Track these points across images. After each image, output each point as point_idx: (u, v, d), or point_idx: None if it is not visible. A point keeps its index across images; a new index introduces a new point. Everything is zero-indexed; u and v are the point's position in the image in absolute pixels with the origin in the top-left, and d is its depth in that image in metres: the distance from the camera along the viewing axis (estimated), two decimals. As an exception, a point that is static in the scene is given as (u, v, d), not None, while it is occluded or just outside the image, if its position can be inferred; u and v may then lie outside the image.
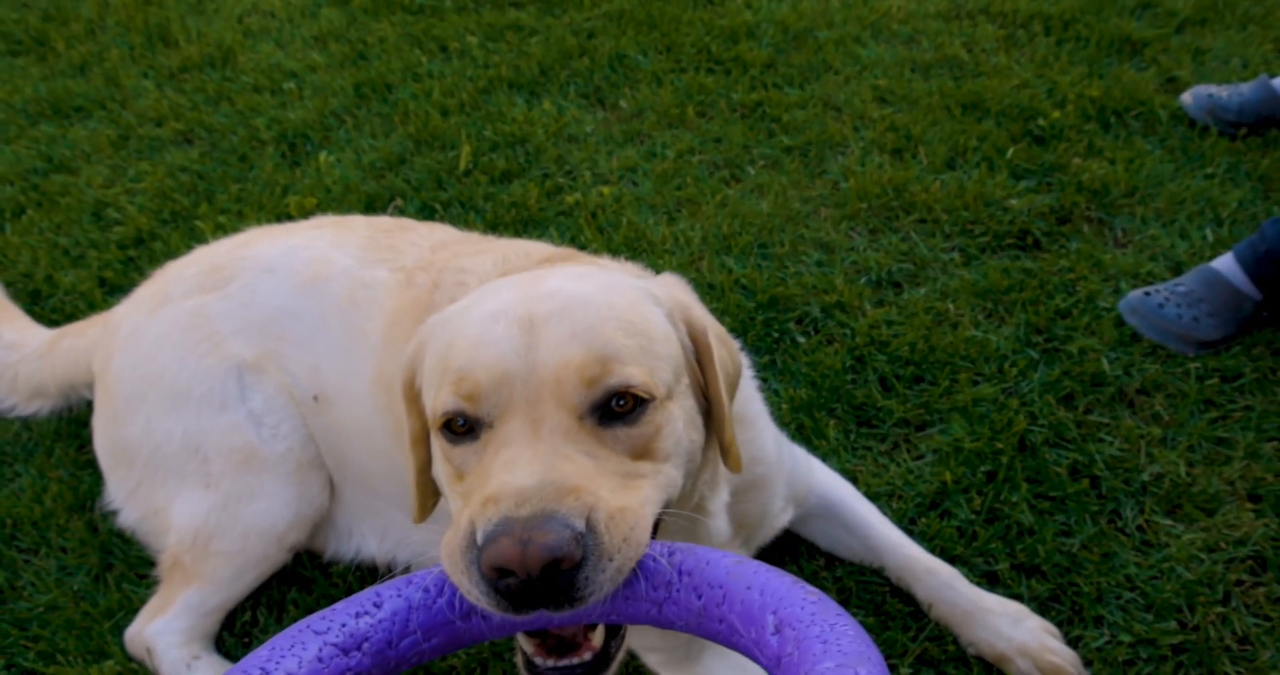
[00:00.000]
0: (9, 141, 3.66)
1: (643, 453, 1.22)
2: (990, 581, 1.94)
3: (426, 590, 1.06)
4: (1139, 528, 2.01)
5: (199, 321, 2.03)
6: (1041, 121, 3.18)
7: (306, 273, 2.02)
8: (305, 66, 3.92)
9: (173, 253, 2.90)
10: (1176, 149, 3.07)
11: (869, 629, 1.85)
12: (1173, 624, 1.83)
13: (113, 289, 2.87)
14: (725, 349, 1.46)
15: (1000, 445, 2.15)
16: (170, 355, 2.03)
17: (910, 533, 2.00)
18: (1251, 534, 1.97)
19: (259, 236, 2.20)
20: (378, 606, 1.01)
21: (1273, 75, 3.15)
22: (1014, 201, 2.87)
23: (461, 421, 1.23)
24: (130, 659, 1.96)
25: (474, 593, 1.06)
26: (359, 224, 2.15)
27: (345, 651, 0.95)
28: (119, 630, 2.00)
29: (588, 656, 1.17)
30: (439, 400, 1.26)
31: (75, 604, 2.07)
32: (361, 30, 4.16)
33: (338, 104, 3.65)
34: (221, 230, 2.95)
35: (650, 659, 1.78)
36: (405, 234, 2.08)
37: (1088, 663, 1.79)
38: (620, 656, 1.23)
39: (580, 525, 1.05)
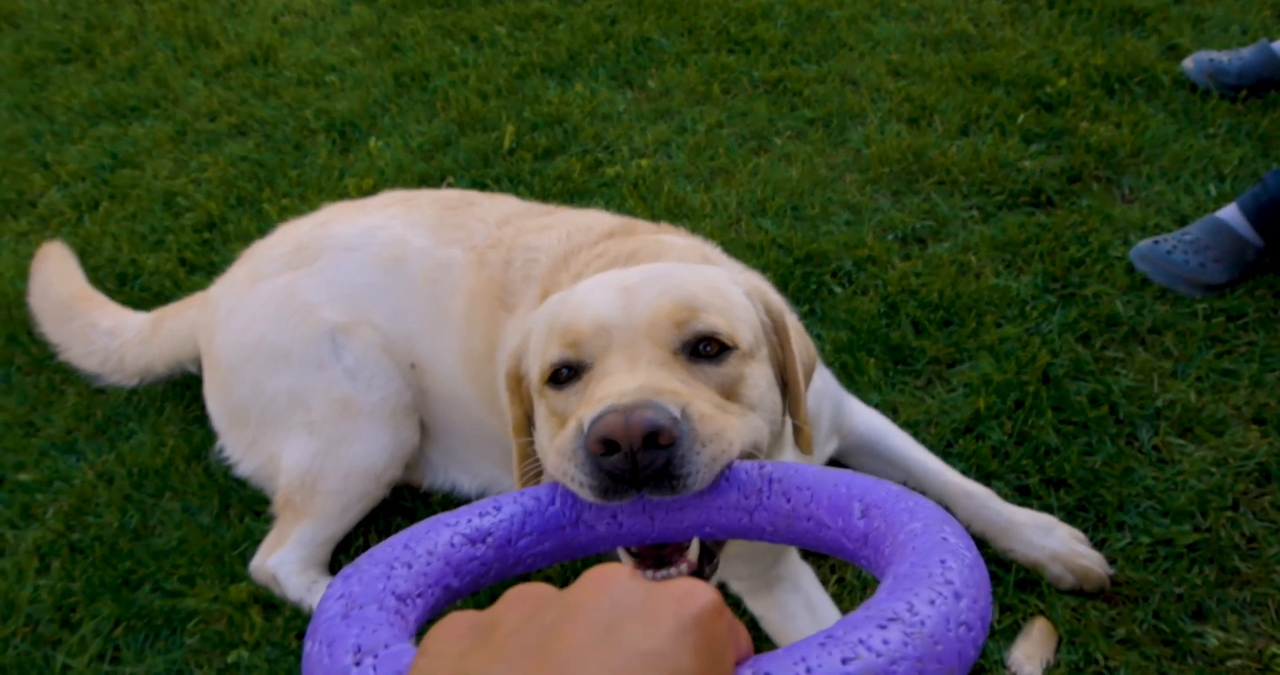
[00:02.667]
0: (74, 142, 3.89)
1: (730, 394, 1.30)
2: (1022, 494, 2.16)
3: (538, 499, 1.11)
4: (1154, 447, 2.23)
5: (291, 295, 2.25)
6: (1049, 89, 3.38)
7: (386, 253, 2.23)
8: (344, 60, 4.15)
9: (244, 233, 3.14)
10: (1179, 112, 3.26)
11: (915, 536, 2.09)
12: (1187, 527, 2.04)
13: (193, 268, 3.10)
14: (801, 338, 1.55)
15: (1026, 378, 2.36)
16: (268, 325, 2.25)
17: (948, 453, 2.22)
18: (1256, 450, 2.18)
19: (335, 214, 2.41)
20: (497, 509, 1.07)
21: (1272, 39, 3.32)
22: (1027, 163, 3.08)
23: (565, 371, 1.33)
24: (257, 586, 2.20)
25: (579, 478, 1.11)
26: (425, 201, 2.35)
27: (472, 543, 1.01)
28: (245, 560, 2.25)
29: (684, 568, 1.23)
30: (545, 357, 1.36)
31: (204, 537, 2.32)
32: (393, 24, 4.38)
33: (379, 93, 3.87)
34: (286, 212, 3.17)
35: (735, 586, 1.98)
36: (470, 210, 2.27)
37: (1111, 561, 2.00)
38: (713, 581, 1.29)
39: (676, 412, 1.13)
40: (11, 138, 4.00)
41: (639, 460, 1.08)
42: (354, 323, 2.21)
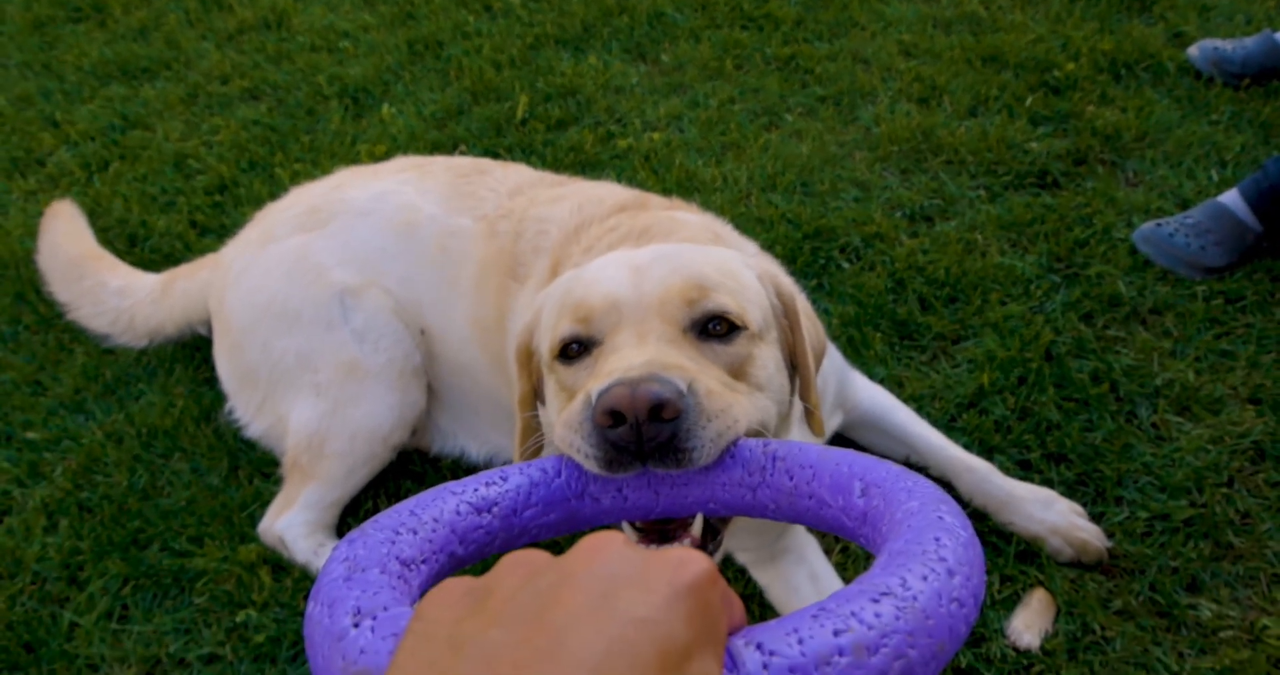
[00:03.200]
0: (84, 101, 3.88)
1: (738, 374, 1.30)
2: (1024, 468, 2.19)
3: (545, 470, 1.11)
4: (1153, 425, 2.26)
5: (303, 256, 2.25)
6: (1057, 73, 3.39)
7: (398, 219, 2.23)
8: (357, 27, 4.13)
9: (256, 197, 3.14)
10: (1183, 98, 3.28)
11: (919, 506, 2.12)
12: (1184, 502, 2.08)
13: (204, 230, 3.10)
14: (812, 324, 1.55)
15: (1029, 355, 2.39)
16: (279, 286, 2.25)
17: (952, 427, 2.25)
18: (1252, 430, 2.21)
19: (349, 179, 2.41)
20: (504, 479, 1.07)
21: (1275, 30, 3.33)
22: (1033, 145, 3.10)
23: (576, 346, 1.33)
24: (266, 547, 2.22)
25: (585, 449, 1.12)
26: (439, 168, 2.35)
27: (478, 511, 1.01)
28: (253, 521, 2.26)
29: (687, 543, 1.23)
30: (556, 332, 1.36)
31: (213, 498, 2.33)
32: (406, -9, 4.36)
33: (393, 61, 3.86)
34: (299, 176, 3.17)
35: (741, 557, 2.00)
36: (483, 179, 2.27)
37: (1110, 535, 2.03)
38: (717, 557, 1.29)
39: (682, 386, 1.13)
40: (21, 96, 3.99)
41: (644, 432, 1.09)
42: (364, 285, 2.21)
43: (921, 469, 2.19)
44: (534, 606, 0.55)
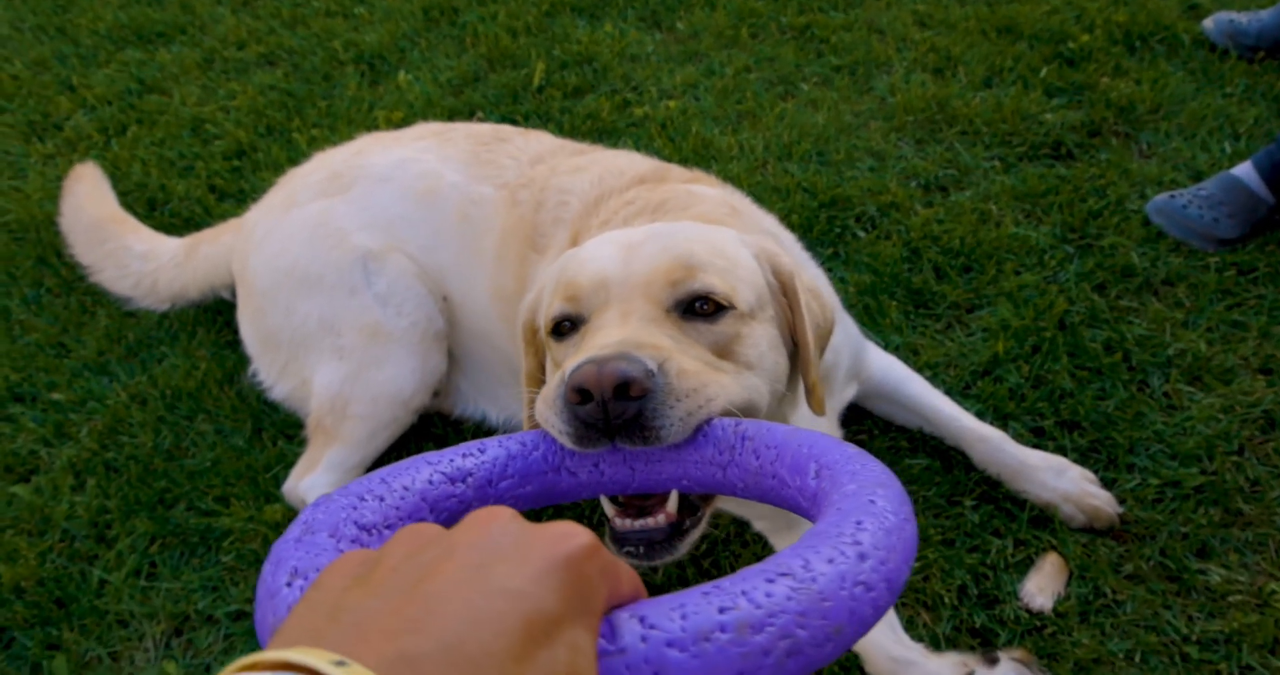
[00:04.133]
0: (100, 65, 3.86)
1: (724, 353, 1.31)
2: (1037, 435, 2.20)
3: (524, 444, 1.13)
4: (1165, 394, 2.27)
5: (325, 221, 2.25)
6: (1072, 44, 3.37)
7: (420, 186, 2.22)
8: (372, -8, 4.10)
9: (274, 162, 3.14)
10: (1198, 70, 3.26)
11: (933, 471, 2.13)
12: (1195, 470, 2.09)
13: (223, 195, 3.10)
14: (817, 301, 1.53)
15: (1043, 324, 2.39)
16: (302, 250, 2.25)
17: (966, 395, 2.26)
18: (1262, 399, 2.22)
19: (370, 145, 2.40)
20: (481, 451, 1.08)
21: (1290, 2, 3.31)
22: (1048, 116, 3.09)
23: (567, 323, 1.36)
24: (290, 507, 2.24)
25: (558, 425, 1.13)
26: (459, 135, 2.34)
27: (452, 481, 1.02)
28: (278, 481, 2.28)
29: (661, 519, 1.25)
30: (549, 310, 1.39)
31: (238, 459, 2.35)
32: (421, -42, 4.32)
33: (408, 27, 3.83)
34: (316, 142, 3.16)
35: (758, 525, 2.00)
36: (503, 146, 2.26)
37: (1121, 501, 2.04)
38: (695, 535, 1.30)
39: (651, 365, 1.14)
40: (36, 60, 3.97)
41: (610, 410, 1.11)
42: (385, 249, 2.21)
43: (935, 439, 2.21)
44: (413, 577, 0.56)
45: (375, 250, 2.21)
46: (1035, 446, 2.14)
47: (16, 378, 2.64)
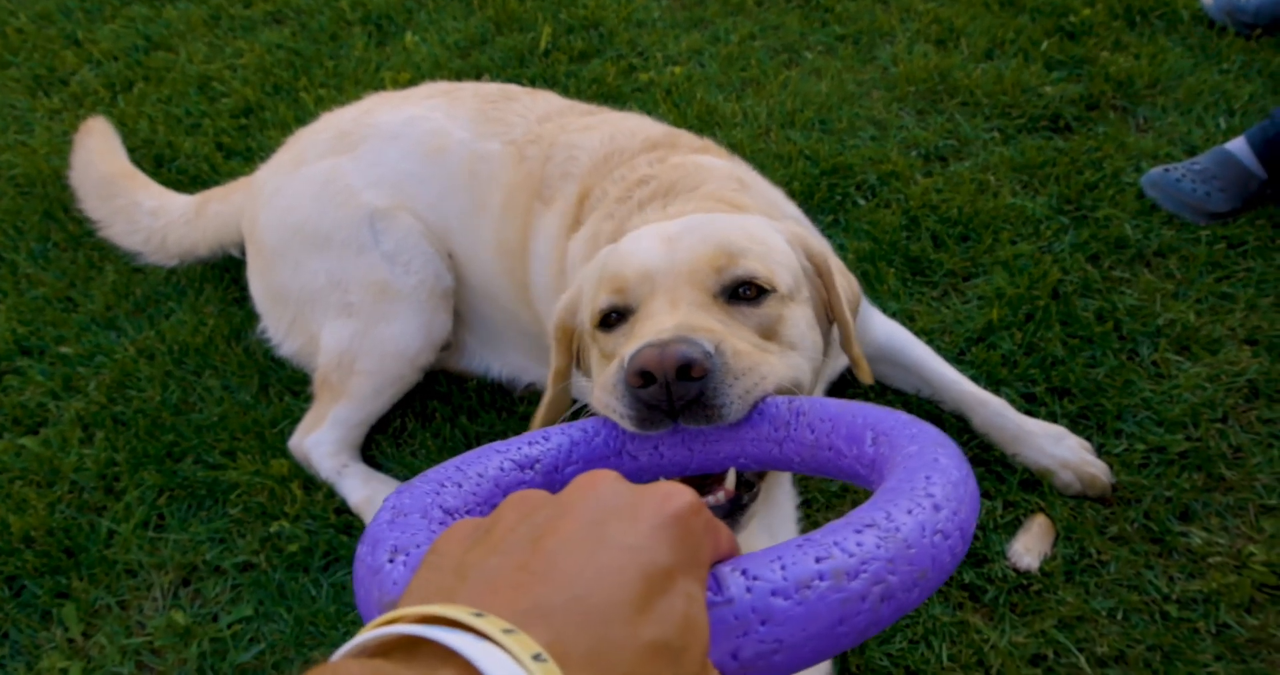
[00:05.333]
0: (105, 21, 3.82)
1: (769, 334, 1.34)
2: (1029, 401, 2.23)
3: (585, 431, 1.16)
4: (1153, 362, 2.29)
5: (334, 178, 2.25)
6: (1073, 18, 3.36)
7: (428, 143, 2.22)
8: (378, -48, 4.05)
9: (282, 121, 3.13)
10: (1196, 46, 3.25)
11: (928, 435, 2.16)
12: (1180, 436, 2.12)
13: (230, 153, 3.09)
14: (845, 279, 1.58)
15: (1037, 293, 2.41)
16: (310, 207, 2.25)
17: (961, 361, 2.29)
18: (1247, 369, 2.25)
19: (379, 104, 2.40)
20: (546, 439, 1.11)
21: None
22: (1048, 89, 3.08)
23: (614, 315, 1.39)
24: (296, 462, 2.27)
25: (620, 409, 1.16)
26: (467, 94, 2.33)
27: (521, 468, 1.05)
28: (284, 436, 2.30)
29: (721, 496, 1.27)
30: (595, 303, 1.41)
31: (245, 414, 2.36)
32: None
33: (415, -12, 3.81)
34: (323, 102, 3.15)
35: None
36: (511, 105, 2.26)
37: (1108, 466, 2.09)
38: (753, 510, 1.32)
39: (709, 347, 1.17)
40: (41, 13, 3.93)
41: (674, 391, 1.13)
42: (393, 207, 2.21)
43: (930, 403, 2.23)
44: (531, 536, 0.59)
45: (383, 208, 2.21)
46: (1026, 412, 2.17)
47: (24, 331, 2.64)
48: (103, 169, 2.72)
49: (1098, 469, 2.05)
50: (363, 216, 2.21)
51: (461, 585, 0.56)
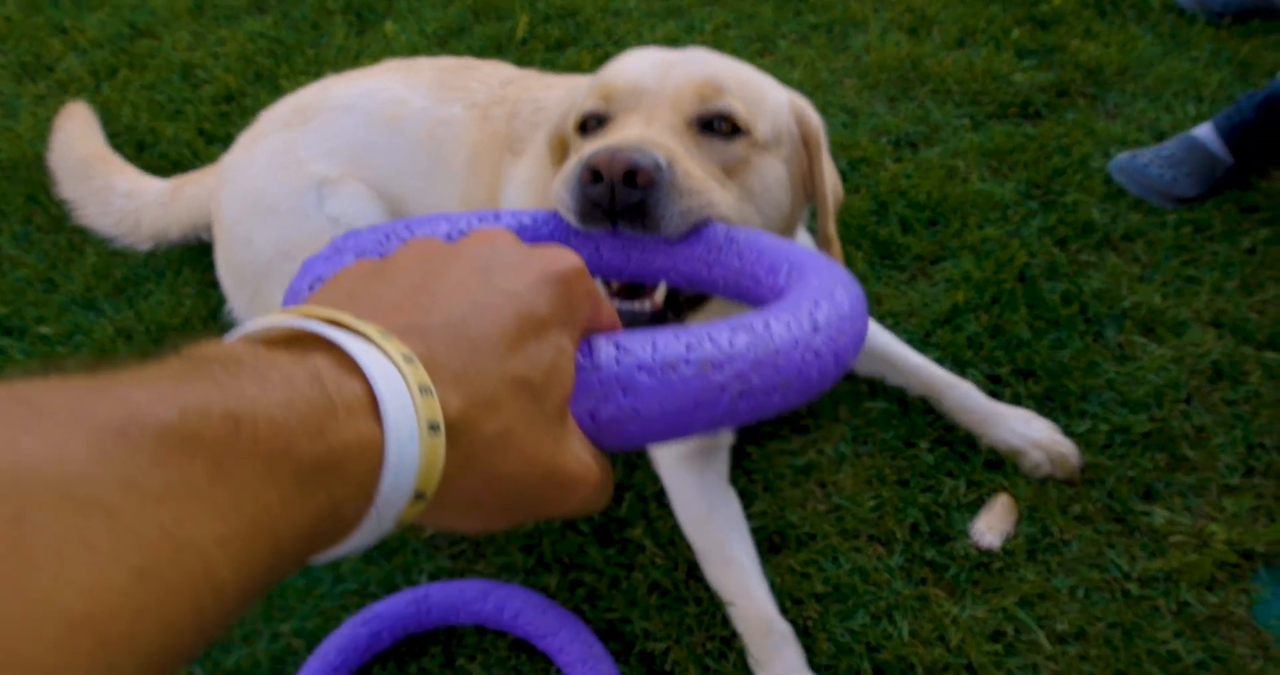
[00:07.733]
0: (91, 9, 3.74)
1: (731, 174, 1.33)
2: (994, 382, 2.17)
3: (535, 218, 1.18)
4: (1119, 344, 2.24)
5: (285, 152, 2.17)
6: (1044, 7, 3.30)
7: (385, 112, 2.15)
8: (361, -57, 3.97)
9: (262, 107, 3.04)
10: (1165, 35, 3.20)
11: (890, 414, 2.11)
12: (1143, 417, 2.07)
13: (211, 139, 3.01)
14: (832, 171, 1.57)
15: (1003, 276, 2.36)
16: (261, 179, 2.17)
17: (927, 343, 2.23)
18: (1211, 351, 2.20)
19: (336, 81, 2.33)
20: (497, 218, 1.13)
21: (1258, -31, 3.25)
22: (1018, 76, 3.02)
23: (594, 121, 1.39)
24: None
25: (567, 201, 1.18)
26: (425, 65, 2.27)
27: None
28: (257, 413, 2.24)
29: (648, 305, 1.30)
30: (580, 107, 1.41)
31: (218, 391, 2.30)
32: (409, -89, 4.18)
33: (396, -22, 3.72)
34: (303, 89, 3.07)
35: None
36: (471, 73, 2.21)
37: (1072, 446, 2.04)
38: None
39: (661, 160, 1.18)
40: (29, 1, 3.84)
41: (617, 194, 1.14)
42: (343, 177, 2.14)
43: (903, 389, 2.17)
44: (421, 274, 0.60)
45: (332, 177, 2.14)
46: (991, 393, 2.11)
47: (5, 311, 2.58)
48: (80, 151, 2.65)
49: (1067, 449, 1.99)
50: (310, 185, 2.13)
51: (349, 303, 0.57)
